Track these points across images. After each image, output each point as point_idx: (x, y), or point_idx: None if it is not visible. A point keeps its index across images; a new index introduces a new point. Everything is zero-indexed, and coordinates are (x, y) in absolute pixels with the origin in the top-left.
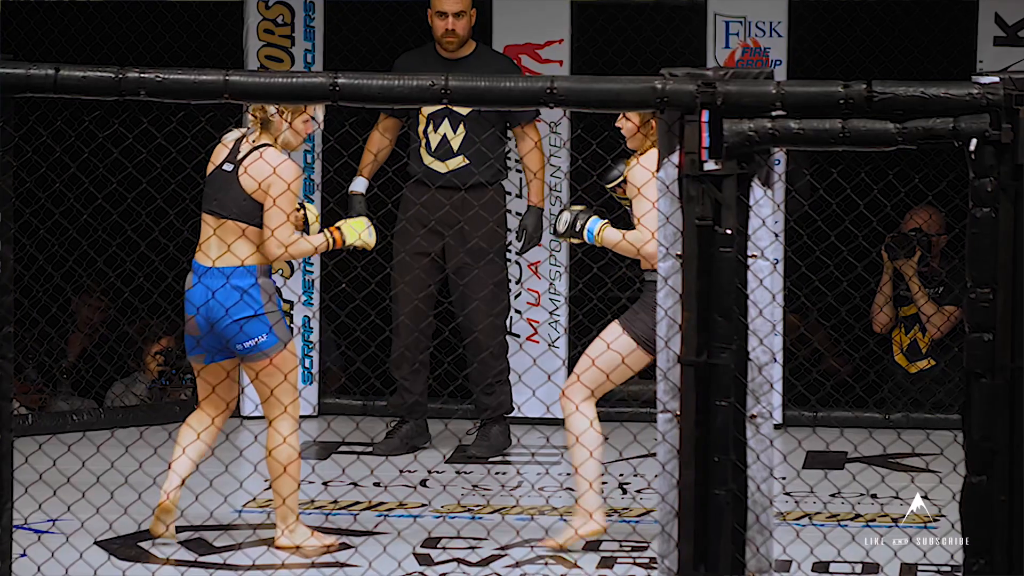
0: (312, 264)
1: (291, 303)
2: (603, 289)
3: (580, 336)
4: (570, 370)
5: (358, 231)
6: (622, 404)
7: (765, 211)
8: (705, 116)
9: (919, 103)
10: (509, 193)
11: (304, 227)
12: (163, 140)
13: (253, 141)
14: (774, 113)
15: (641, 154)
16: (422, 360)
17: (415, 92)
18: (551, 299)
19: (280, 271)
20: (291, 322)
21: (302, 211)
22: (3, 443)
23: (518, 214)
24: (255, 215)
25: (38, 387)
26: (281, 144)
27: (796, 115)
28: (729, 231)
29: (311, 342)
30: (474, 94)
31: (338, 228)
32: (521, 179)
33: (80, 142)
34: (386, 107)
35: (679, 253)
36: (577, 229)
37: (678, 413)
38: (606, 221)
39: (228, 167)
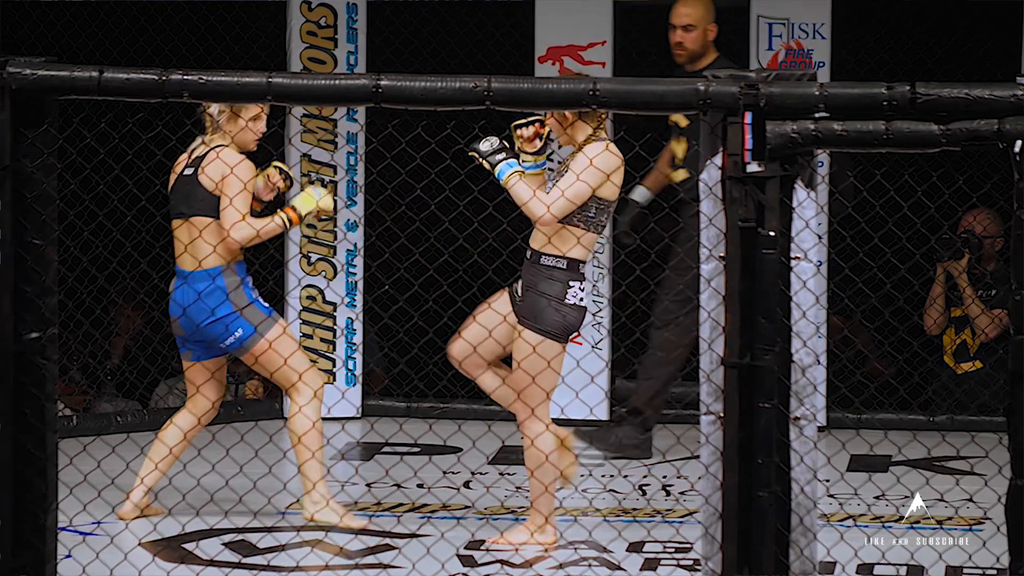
0: (355, 266)
1: (334, 305)
2: (645, 291)
3: (623, 338)
4: (612, 372)
5: (311, 201)
6: (666, 406)
7: (808, 213)
8: (748, 118)
9: (963, 104)
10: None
11: (288, 184)
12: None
13: (207, 143)
14: (817, 115)
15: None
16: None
17: (458, 94)
18: (594, 301)
19: (323, 273)
20: (334, 322)
21: (275, 170)
22: (48, 444)
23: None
24: (216, 211)
25: (82, 388)
26: (236, 143)
27: (839, 117)
28: (772, 233)
29: (354, 344)
30: (517, 96)
31: (292, 207)
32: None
33: (124, 144)
34: (428, 108)
35: (722, 255)
36: (493, 161)
37: (721, 415)
38: (520, 171)
39: (188, 171)
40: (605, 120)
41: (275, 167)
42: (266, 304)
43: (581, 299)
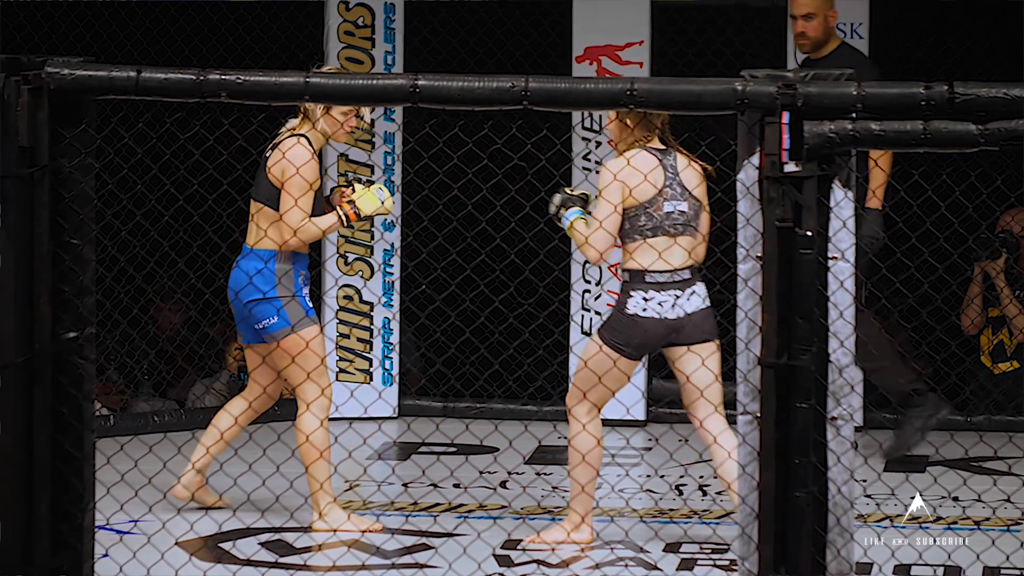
0: (392, 265)
1: (371, 304)
2: None
3: None
4: (649, 372)
5: (374, 201)
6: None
7: (845, 213)
8: (786, 118)
9: (1002, 104)
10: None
11: (352, 191)
12: (244, 142)
13: (293, 129)
14: (855, 114)
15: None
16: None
17: (495, 94)
18: None
19: (360, 272)
20: (371, 322)
21: (350, 188)
22: (85, 444)
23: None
24: (273, 198)
25: (120, 388)
26: (320, 133)
27: (877, 116)
28: (809, 233)
29: (391, 343)
30: (555, 96)
31: (350, 202)
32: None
33: (161, 144)
34: (465, 108)
35: (759, 255)
36: (559, 215)
37: (758, 415)
38: (582, 216)
39: (267, 154)
40: (658, 129)
41: (350, 182)
42: (311, 305)
43: (644, 309)
